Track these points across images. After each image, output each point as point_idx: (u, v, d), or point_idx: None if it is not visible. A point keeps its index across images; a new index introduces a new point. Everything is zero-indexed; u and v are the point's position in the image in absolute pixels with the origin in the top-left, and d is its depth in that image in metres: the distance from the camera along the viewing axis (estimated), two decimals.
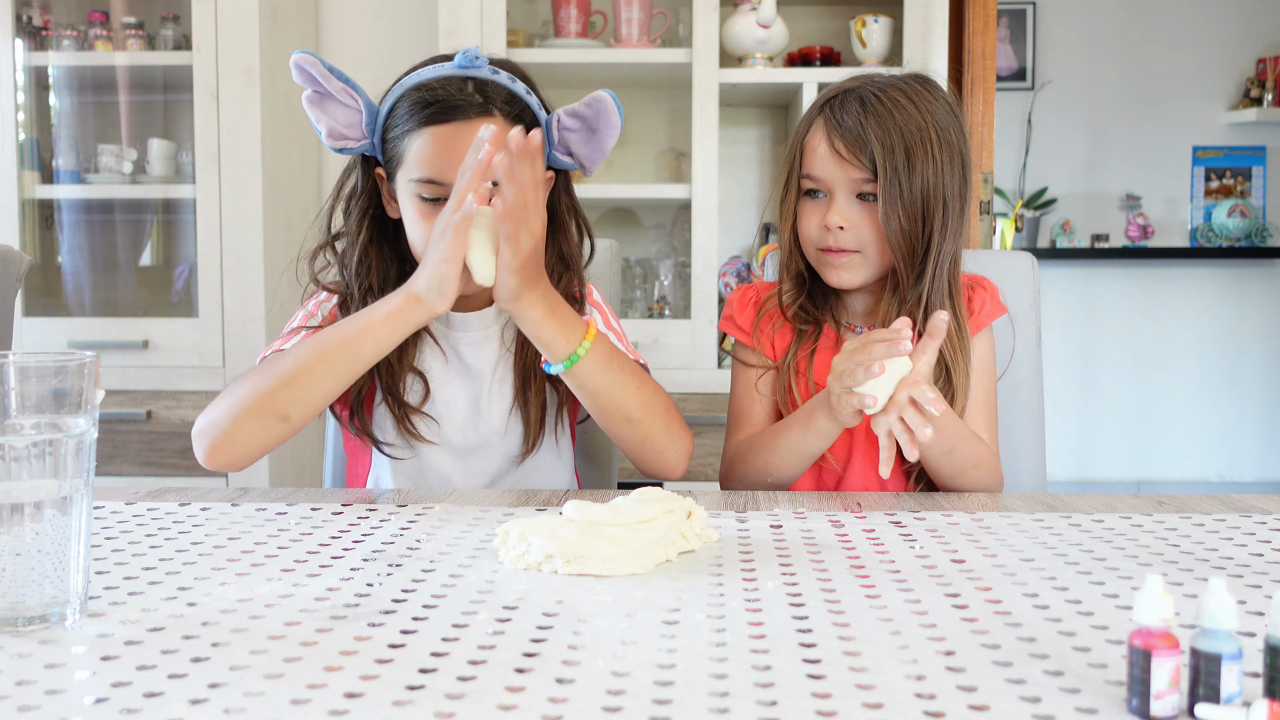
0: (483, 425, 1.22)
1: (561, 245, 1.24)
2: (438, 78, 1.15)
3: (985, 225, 2.90)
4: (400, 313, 1.05)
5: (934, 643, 0.63)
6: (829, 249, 1.20)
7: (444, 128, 1.12)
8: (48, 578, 0.65)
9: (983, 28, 2.80)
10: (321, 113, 1.16)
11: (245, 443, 1.06)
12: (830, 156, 1.18)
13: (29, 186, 2.46)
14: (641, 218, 2.75)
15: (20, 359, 0.65)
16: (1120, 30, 4.53)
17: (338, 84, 1.14)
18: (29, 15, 2.47)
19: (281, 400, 1.05)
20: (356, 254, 1.20)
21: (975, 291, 1.26)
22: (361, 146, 1.18)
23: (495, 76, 1.16)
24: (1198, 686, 0.51)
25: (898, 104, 1.17)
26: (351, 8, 2.71)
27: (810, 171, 1.20)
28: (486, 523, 0.93)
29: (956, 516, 0.97)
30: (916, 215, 1.16)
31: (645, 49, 2.46)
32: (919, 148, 1.15)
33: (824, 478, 1.25)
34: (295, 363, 1.06)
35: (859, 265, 1.20)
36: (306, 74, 1.13)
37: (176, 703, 0.54)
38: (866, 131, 1.16)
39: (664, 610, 0.69)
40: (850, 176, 1.17)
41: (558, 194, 1.24)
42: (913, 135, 1.15)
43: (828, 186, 1.19)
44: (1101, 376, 4.54)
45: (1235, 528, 0.93)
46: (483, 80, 1.15)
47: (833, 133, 1.18)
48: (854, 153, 1.16)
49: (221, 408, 1.07)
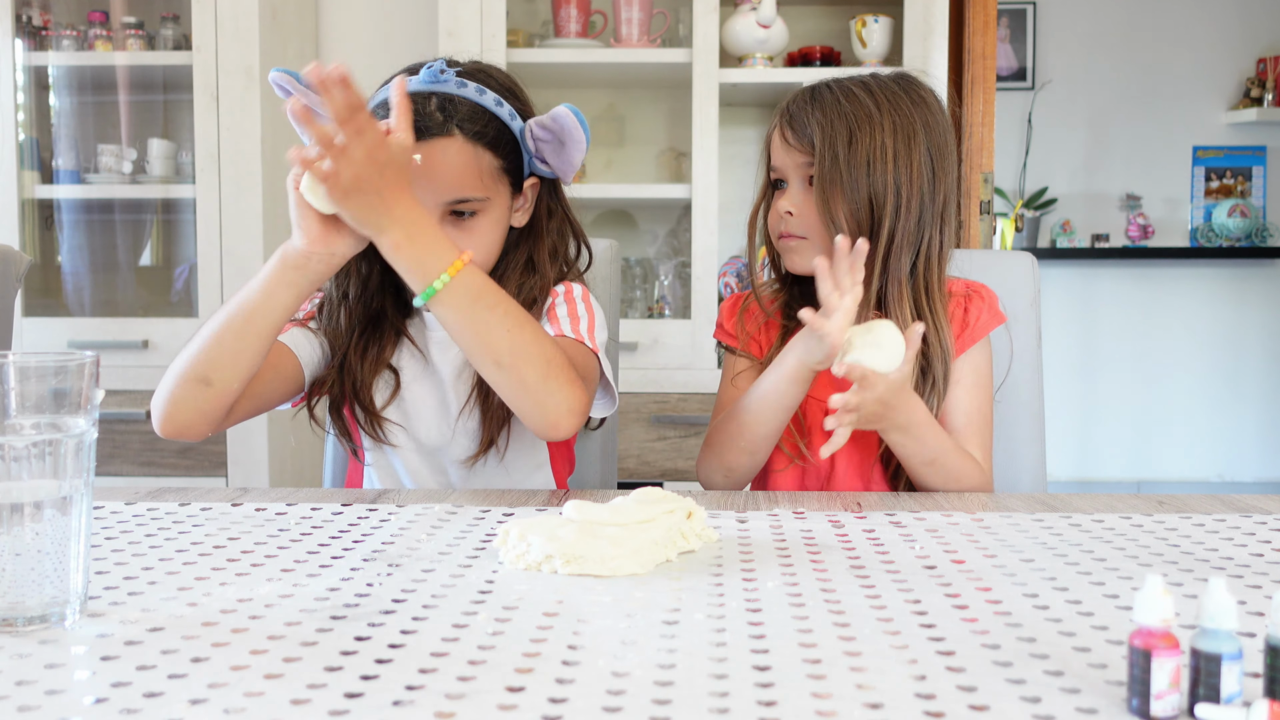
0: (447, 425, 1.23)
1: (532, 251, 1.24)
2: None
3: (985, 225, 2.90)
4: (277, 268, 1.05)
5: (934, 643, 0.63)
6: (782, 235, 1.23)
7: None
8: (48, 578, 0.65)
9: (983, 28, 2.80)
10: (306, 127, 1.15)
11: (180, 409, 1.08)
12: (780, 144, 1.23)
13: (29, 186, 2.46)
14: (641, 218, 2.75)
15: (20, 359, 0.65)
16: (1120, 30, 4.53)
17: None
18: (29, 15, 2.47)
19: (201, 365, 1.07)
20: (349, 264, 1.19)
21: (971, 301, 1.24)
22: None
23: (462, 90, 1.15)
24: (1198, 686, 0.51)
25: (850, 94, 1.20)
26: (351, 8, 2.71)
27: (773, 163, 1.25)
28: (486, 523, 0.93)
29: (956, 516, 0.97)
30: (861, 202, 1.17)
31: (645, 49, 2.46)
32: (863, 132, 1.17)
33: (807, 478, 1.24)
34: (210, 328, 1.07)
35: (806, 250, 1.21)
36: (283, 90, 1.16)
37: (176, 703, 0.54)
38: (810, 118, 1.19)
39: (664, 610, 0.68)
40: (796, 162, 1.21)
41: (540, 201, 1.25)
42: (859, 121, 1.18)
43: (783, 175, 1.23)
44: (1101, 376, 4.54)
45: (1235, 528, 0.92)
46: (446, 95, 1.14)
47: (783, 122, 1.23)
48: (797, 138, 1.20)
49: (164, 381, 1.11)
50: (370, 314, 1.22)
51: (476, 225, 1.17)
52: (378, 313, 1.22)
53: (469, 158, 1.15)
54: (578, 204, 1.31)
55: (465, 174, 1.15)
